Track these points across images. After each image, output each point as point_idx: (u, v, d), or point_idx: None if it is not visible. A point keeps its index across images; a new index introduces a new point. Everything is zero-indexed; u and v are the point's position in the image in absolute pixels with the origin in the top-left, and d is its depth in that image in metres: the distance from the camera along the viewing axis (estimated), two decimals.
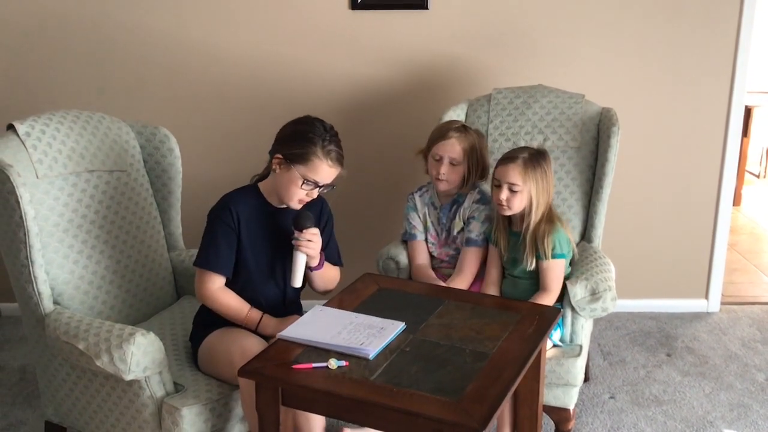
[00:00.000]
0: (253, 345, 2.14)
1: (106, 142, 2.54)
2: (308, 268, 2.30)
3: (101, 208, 2.47)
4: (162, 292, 2.66)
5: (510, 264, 2.54)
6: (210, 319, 2.30)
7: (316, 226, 2.26)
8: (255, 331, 2.25)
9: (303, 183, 2.17)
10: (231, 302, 2.25)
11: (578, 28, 3.39)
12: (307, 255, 2.24)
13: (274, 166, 2.20)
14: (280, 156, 2.18)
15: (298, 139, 2.16)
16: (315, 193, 2.22)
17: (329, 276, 2.40)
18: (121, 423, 2.19)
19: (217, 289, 2.25)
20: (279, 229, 2.29)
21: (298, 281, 2.27)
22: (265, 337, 2.25)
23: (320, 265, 2.32)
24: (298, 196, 2.20)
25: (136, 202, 2.59)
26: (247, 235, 2.25)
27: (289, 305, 2.39)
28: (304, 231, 2.20)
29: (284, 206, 2.29)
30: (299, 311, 2.42)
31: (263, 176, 2.33)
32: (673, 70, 3.44)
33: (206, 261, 2.23)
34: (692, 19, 3.37)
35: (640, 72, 3.44)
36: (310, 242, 2.21)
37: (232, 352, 2.14)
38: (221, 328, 2.27)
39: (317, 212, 2.34)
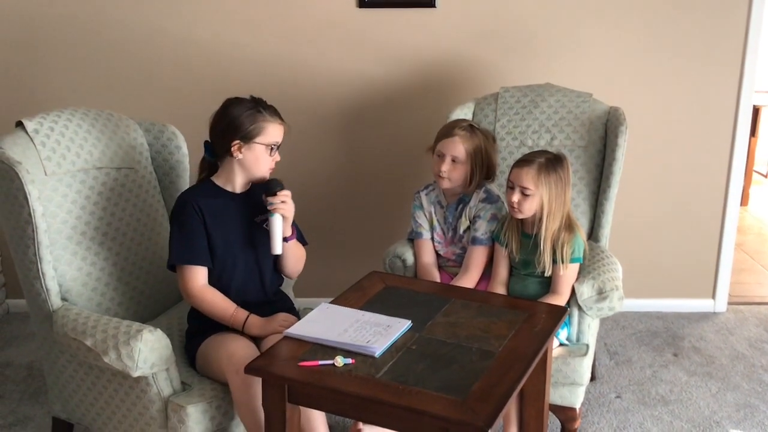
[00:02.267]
0: (239, 349, 2.14)
1: (114, 139, 2.54)
2: (283, 239, 2.32)
3: (109, 205, 2.47)
4: (169, 290, 2.67)
5: (521, 265, 2.54)
6: (201, 328, 2.31)
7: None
8: (242, 332, 2.25)
9: (270, 150, 2.27)
10: (217, 301, 2.26)
11: (586, 27, 3.39)
12: (284, 217, 2.27)
13: (234, 154, 2.25)
14: (237, 141, 2.24)
15: (242, 119, 2.24)
16: (277, 155, 2.31)
17: (299, 253, 2.44)
18: (128, 419, 2.19)
19: (202, 286, 2.26)
20: (244, 214, 2.33)
21: (278, 247, 2.28)
22: (256, 340, 2.26)
23: (293, 235, 2.36)
24: (268, 164, 2.30)
25: (143, 199, 2.60)
26: (215, 226, 2.27)
27: (272, 296, 2.41)
28: (277, 194, 2.25)
29: (242, 191, 2.34)
30: (287, 307, 2.42)
31: (211, 172, 2.36)
32: (681, 70, 3.43)
33: (183, 256, 2.25)
34: (700, 18, 3.36)
35: (647, 71, 3.44)
36: (285, 203, 2.25)
37: (220, 358, 2.15)
38: (213, 335, 2.27)
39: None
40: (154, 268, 2.59)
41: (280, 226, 2.27)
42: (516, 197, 2.43)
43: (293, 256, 2.40)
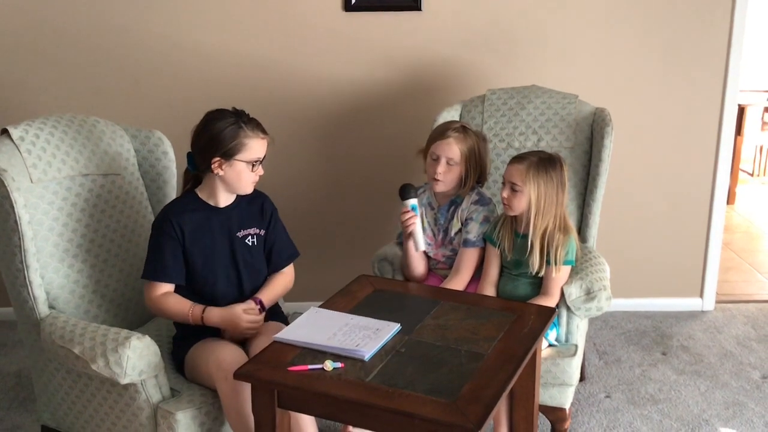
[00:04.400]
0: (228, 355, 2.14)
1: (101, 145, 2.54)
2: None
3: (96, 212, 2.47)
4: None
5: (513, 265, 2.54)
6: (188, 333, 2.31)
7: (262, 225, 2.38)
8: (205, 327, 2.24)
9: (252, 167, 2.24)
10: (173, 305, 2.25)
11: (571, 29, 3.40)
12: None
13: (215, 171, 2.22)
14: (218, 158, 2.20)
15: (223, 135, 2.19)
16: (260, 169, 2.28)
17: (285, 285, 2.45)
18: (117, 427, 2.18)
19: (160, 295, 2.25)
20: (226, 229, 2.32)
21: (421, 245, 2.57)
22: (244, 346, 2.26)
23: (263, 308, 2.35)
24: (251, 180, 2.28)
25: (130, 205, 2.59)
26: (194, 243, 2.26)
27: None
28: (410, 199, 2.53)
29: (226, 205, 2.32)
30: (275, 312, 2.43)
31: (195, 183, 2.34)
32: (667, 70, 3.45)
33: (150, 272, 2.26)
34: (685, 18, 3.38)
35: (633, 72, 3.45)
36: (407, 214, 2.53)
37: (209, 365, 2.15)
38: (200, 341, 2.27)
39: (259, 209, 2.39)
40: (141, 274, 2.58)
41: (419, 231, 2.57)
42: (506, 192, 2.46)
43: (282, 290, 2.44)
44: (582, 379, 3.05)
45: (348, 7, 3.36)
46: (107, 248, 2.48)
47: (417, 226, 2.55)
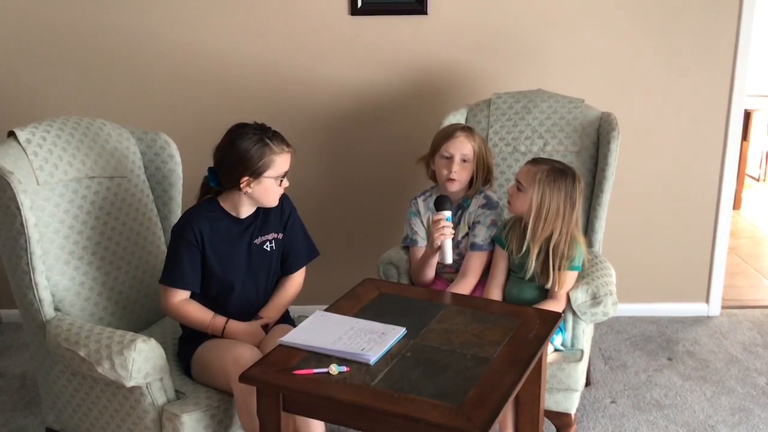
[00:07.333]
0: (246, 353, 2.14)
1: (107, 148, 2.54)
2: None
3: (102, 215, 2.47)
4: None
5: (520, 268, 2.54)
6: (196, 333, 2.31)
7: (280, 229, 2.40)
8: (222, 338, 2.26)
9: (279, 181, 2.26)
10: (193, 312, 2.27)
11: (578, 33, 3.40)
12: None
13: (243, 189, 2.23)
14: (247, 178, 2.21)
15: (251, 155, 2.19)
16: (285, 181, 2.29)
17: (296, 289, 2.48)
18: (122, 429, 2.18)
19: (179, 301, 2.27)
20: (246, 238, 2.33)
21: (449, 258, 2.48)
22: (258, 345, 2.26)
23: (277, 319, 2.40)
24: (278, 193, 2.30)
25: (136, 208, 2.59)
26: (214, 251, 2.27)
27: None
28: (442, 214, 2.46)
29: (248, 215, 2.33)
30: (286, 319, 2.44)
31: (217, 192, 2.34)
32: (673, 75, 3.44)
33: (168, 278, 2.27)
34: (691, 23, 3.38)
35: (639, 76, 3.45)
36: (443, 227, 2.46)
37: (225, 361, 2.15)
38: (210, 340, 2.27)
39: (278, 212, 2.40)
40: (147, 276, 2.59)
41: (449, 244, 2.48)
42: (511, 189, 2.48)
43: (291, 298, 2.47)
44: (587, 384, 3.05)
45: (354, 11, 3.36)
46: (113, 251, 2.49)
47: (449, 238, 2.49)
